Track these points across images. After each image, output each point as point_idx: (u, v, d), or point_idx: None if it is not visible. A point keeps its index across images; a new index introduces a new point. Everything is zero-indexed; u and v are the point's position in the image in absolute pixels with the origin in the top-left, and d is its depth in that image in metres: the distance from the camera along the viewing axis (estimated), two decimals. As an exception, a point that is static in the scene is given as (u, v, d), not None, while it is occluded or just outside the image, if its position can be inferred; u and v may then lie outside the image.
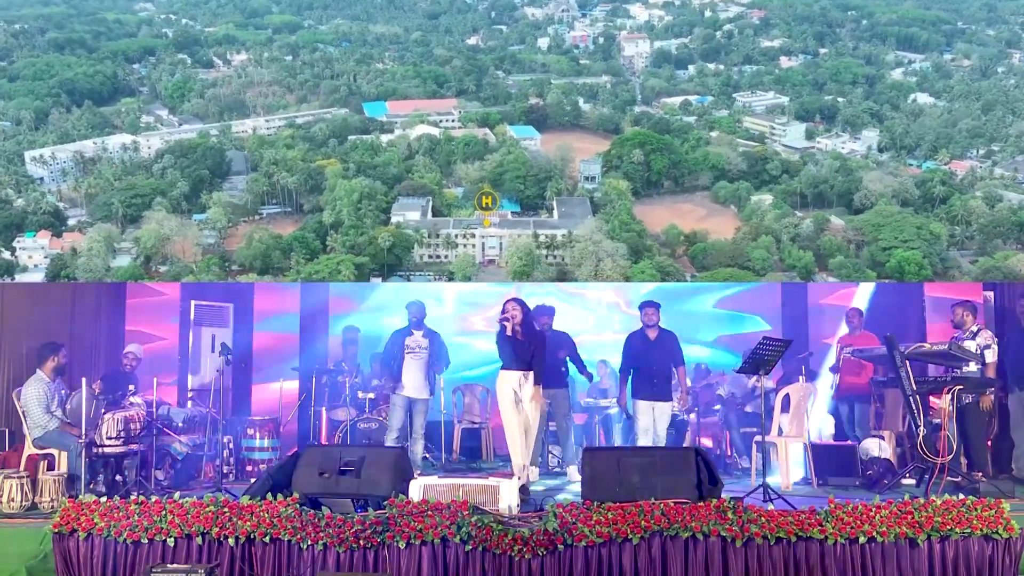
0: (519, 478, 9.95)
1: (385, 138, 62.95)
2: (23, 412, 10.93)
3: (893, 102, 74.93)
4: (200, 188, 54.00)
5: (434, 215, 52.38)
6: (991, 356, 11.11)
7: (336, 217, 49.07)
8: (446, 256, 49.27)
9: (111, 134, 64.99)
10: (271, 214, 54.32)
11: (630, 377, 12.64)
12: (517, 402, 10.82)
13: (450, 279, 46.74)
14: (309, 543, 8.27)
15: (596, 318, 16.59)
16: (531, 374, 10.91)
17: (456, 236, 49.48)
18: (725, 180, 56.31)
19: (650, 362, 12.29)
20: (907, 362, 10.97)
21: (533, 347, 10.94)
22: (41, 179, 57.72)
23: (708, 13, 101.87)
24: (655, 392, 12.27)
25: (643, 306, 12.58)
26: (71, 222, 51.37)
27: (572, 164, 57.94)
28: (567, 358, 12.93)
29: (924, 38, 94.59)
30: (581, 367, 13.16)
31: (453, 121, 68.16)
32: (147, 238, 46.48)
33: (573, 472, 12.46)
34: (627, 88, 79.64)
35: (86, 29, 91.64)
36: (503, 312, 10.98)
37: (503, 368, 11.04)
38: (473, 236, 49.57)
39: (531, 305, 11.72)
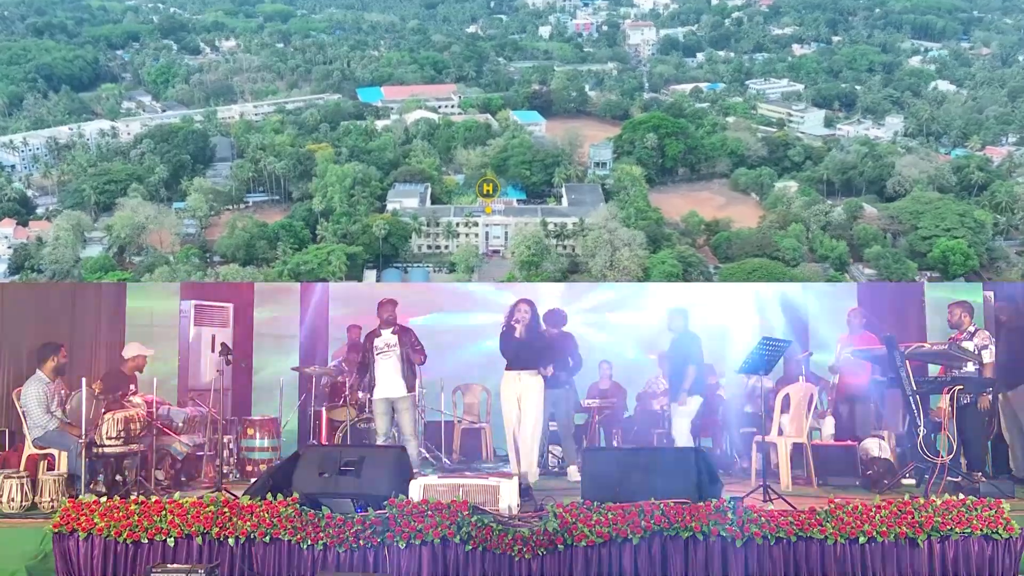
0: (519, 479, 9.78)
1: (380, 124, 59.13)
2: (23, 412, 10.90)
3: (914, 89, 71.81)
4: (181, 175, 50.26)
5: (433, 202, 48.69)
6: (988, 356, 10.96)
7: (327, 204, 45.42)
8: (446, 246, 45.57)
9: (89, 120, 61.10)
10: (257, 202, 50.60)
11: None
12: (520, 403, 10.84)
13: (451, 270, 43.02)
14: (309, 543, 8.22)
15: None
16: (535, 374, 10.92)
17: (457, 225, 45.75)
18: (744, 167, 52.69)
19: (672, 364, 12.51)
20: (907, 362, 10.83)
21: (539, 348, 10.96)
22: (12, 166, 53.79)
23: (715, 1, 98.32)
24: (674, 394, 12.44)
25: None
26: (39, 211, 47.55)
27: (581, 149, 54.25)
28: (568, 358, 12.78)
29: (940, 26, 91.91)
30: (577, 365, 13.03)
31: (452, 107, 64.39)
32: (120, 227, 42.76)
33: (573, 472, 12.35)
34: (634, 75, 76.03)
35: (68, 15, 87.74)
36: (513, 313, 10.89)
37: (507, 368, 10.99)
38: (476, 225, 45.85)
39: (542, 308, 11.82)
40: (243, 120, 60.52)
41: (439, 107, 63.23)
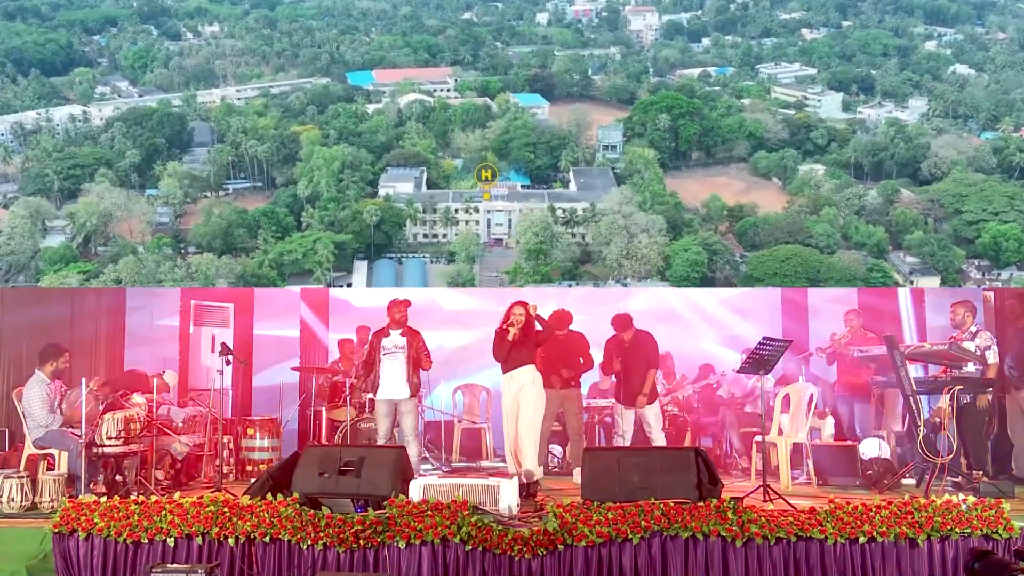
0: (520, 478, 9.87)
1: (371, 107, 55.22)
2: (23, 412, 10.94)
3: (933, 72, 68.81)
4: (155, 159, 46.30)
5: (429, 187, 44.87)
6: (992, 357, 10.85)
7: (313, 189, 41.64)
8: (444, 235, 41.78)
9: (60, 105, 57.09)
10: (238, 189, 46.79)
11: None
12: (519, 403, 10.88)
13: (450, 261, 39.17)
14: (309, 543, 8.24)
15: None
16: (531, 371, 10.90)
17: (456, 211, 41.98)
18: (764, 150, 49.00)
19: (625, 366, 12.41)
20: (907, 362, 10.89)
21: (536, 349, 11.01)
22: (-27, 153, 49.73)
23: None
24: (626, 396, 12.35)
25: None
26: (-1, 199, 43.60)
27: (588, 132, 50.46)
28: (580, 358, 12.70)
29: (953, 10, 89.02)
30: (588, 365, 12.87)
31: (448, 91, 60.52)
32: (85, 214, 38.78)
33: (577, 474, 11.86)
34: (638, 59, 72.37)
35: (43, 0, 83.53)
36: (507, 316, 10.87)
37: (503, 371, 11.05)
38: (477, 211, 42.09)
39: (548, 310, 12.00)
40: (224, 104, 56.63)
41: (434, 90, 59.47)
